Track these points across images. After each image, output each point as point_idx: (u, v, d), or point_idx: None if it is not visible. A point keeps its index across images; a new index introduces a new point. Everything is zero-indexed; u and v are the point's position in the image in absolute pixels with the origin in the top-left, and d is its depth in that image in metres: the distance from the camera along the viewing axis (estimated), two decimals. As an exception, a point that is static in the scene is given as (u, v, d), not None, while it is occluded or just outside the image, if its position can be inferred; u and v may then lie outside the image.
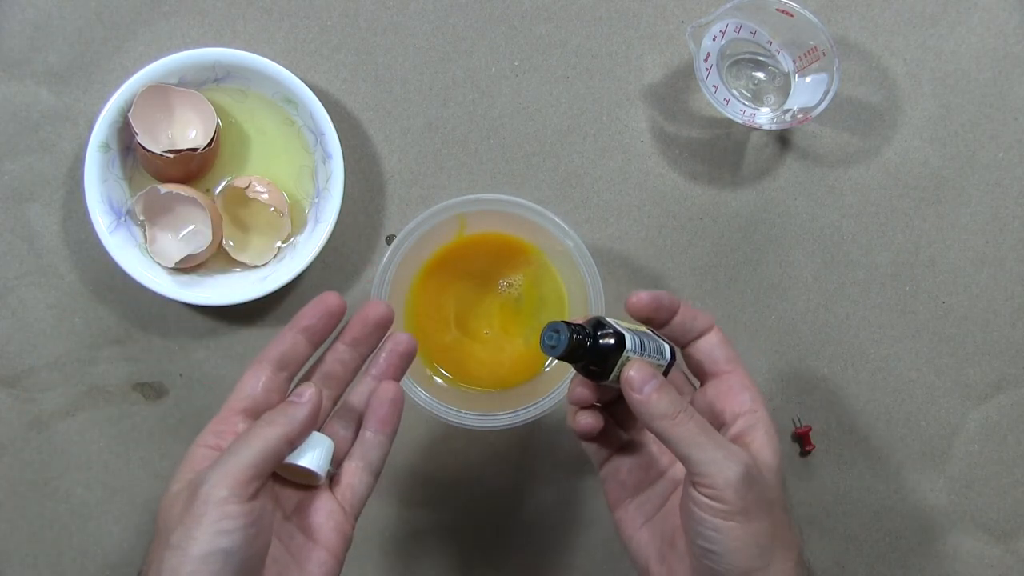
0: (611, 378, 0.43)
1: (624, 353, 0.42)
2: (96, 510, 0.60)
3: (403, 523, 0.61)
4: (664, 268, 0.62)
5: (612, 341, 0.43)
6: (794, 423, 0.62)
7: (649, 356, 0.43)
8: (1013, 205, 0.63)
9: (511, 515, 0.61)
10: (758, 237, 0.62)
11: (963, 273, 0.63)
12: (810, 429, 0.61)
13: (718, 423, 0.44)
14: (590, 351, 0.43)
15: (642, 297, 0.44)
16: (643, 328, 0.45)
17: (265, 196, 0.57)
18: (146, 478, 0.60)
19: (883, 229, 0.63)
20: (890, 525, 0.62)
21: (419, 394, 0.55)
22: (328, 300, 0.44)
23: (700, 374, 0.46)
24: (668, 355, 0.44)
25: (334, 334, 0.45)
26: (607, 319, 0.44)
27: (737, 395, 0.44)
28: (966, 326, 0.62)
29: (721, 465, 0.39)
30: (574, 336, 0.42)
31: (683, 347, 0.46)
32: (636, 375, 0.41)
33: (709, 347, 0.45)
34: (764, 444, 0.42)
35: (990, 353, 0.62)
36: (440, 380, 0.58)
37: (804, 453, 0.62)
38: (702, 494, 0.40)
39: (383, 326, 0.45)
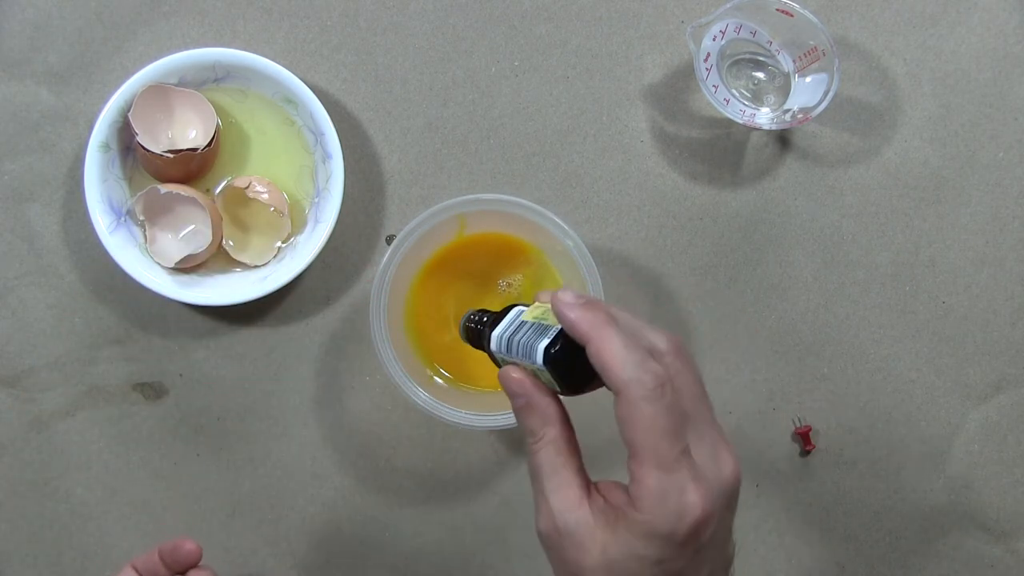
0: None
1: (493, 353, 0.41)
2: (96, 510, 0.60)
3: (403, 523, 0.61)
4: (664, 268, 0.62)
5: (483, 339, 0.42)
6: (794, 423, 0.62)
7: (517, 358, 0.39)
8: (1013, 205, 0.63)
9: (511, 515, 0.61)
10: (758, 237, 0.62)
11: (963, 273, 0.63)
12: (810, 429, 0.61)
13: None
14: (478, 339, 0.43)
15: (550, 296, 0.38)
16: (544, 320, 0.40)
17: (265, 196, 0.57)
18: (146, 478, 0.60)
19: (883, 229, 0.63)
20: (890, 525, 0.62)
21: (419, 394, 0.55)
22: (185, 547, 0.48)
23: None
24: (538, 360, 0.38)
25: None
26: (517, 308, 0.41)
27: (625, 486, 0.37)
28: (966, 326, 0.62)
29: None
30: (466, 324, 0.43)
31: None
32: (506, 387, 0.39)
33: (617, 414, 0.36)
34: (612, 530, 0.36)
35: (990, 353, 0.62)
36: (440, 380, 0.58)
37: (804, 453, 0.62)
38: None
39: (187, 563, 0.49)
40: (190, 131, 0.58)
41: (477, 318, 0.44)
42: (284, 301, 0.61)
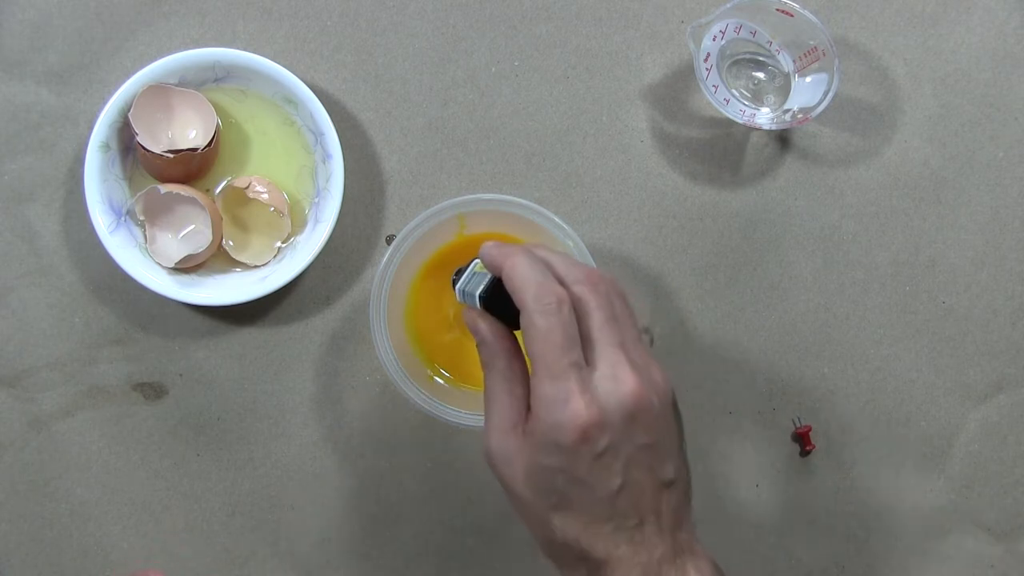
0: None
1: (459, 302, 0.46)
2: (96, 510, 0.60)
3: (403, 523, 0.61)
4: (664, 268, 0.62)
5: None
6: (794, 423, 0.62)
7: (472, 303, 0.44)
8: (1013, 205, 0.63)
9: (511, 515, 0.61)
10: (758, 237, 0.62)
11: (963, 273, 0.63)
12: (810, 429, 0.61)
13: None
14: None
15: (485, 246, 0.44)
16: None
17: (265, 196, 0.57)
18: (146, 478, 0.60)
19: (883, 229, 0.63)
20: (890, 525, 0.62)
21: (419, 394, 0.55)
22: None
23: None
24: (477, 303, 0.44)
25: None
26: (475, 260, 0.46)
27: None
28: (966, 326, 0.62)
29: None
30: (452, 282, 0.46)
31: None
32: (468, 328, 0.44)
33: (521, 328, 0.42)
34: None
35: (990, 353, 0.62)
36: (440, 380, 0.58)
37: (804, 453, 0.62)
38: None
39: None
40: (190, 131, 0.58)
41: (454, 276, 0.47)
42: (284, 301, 0.61)
